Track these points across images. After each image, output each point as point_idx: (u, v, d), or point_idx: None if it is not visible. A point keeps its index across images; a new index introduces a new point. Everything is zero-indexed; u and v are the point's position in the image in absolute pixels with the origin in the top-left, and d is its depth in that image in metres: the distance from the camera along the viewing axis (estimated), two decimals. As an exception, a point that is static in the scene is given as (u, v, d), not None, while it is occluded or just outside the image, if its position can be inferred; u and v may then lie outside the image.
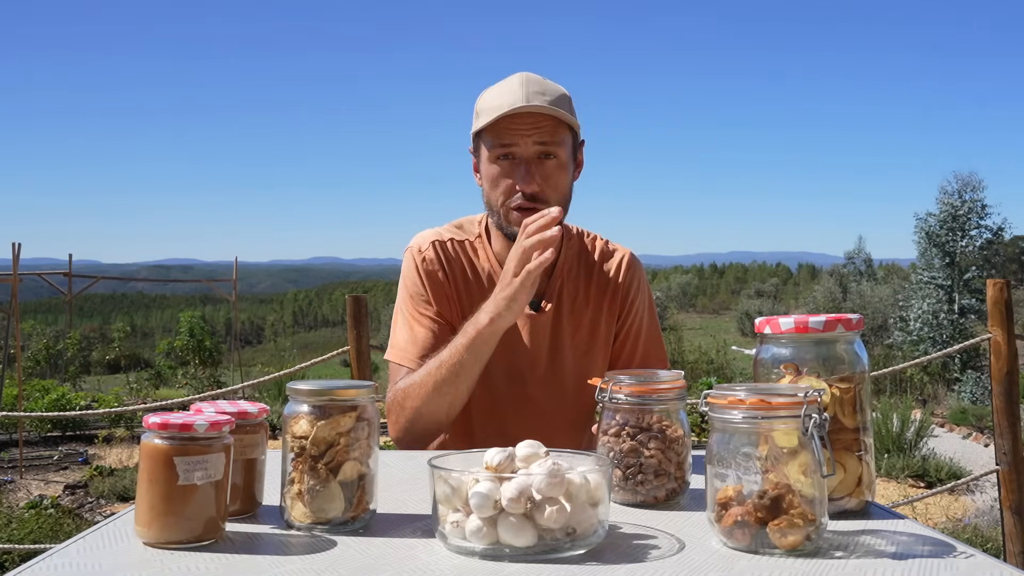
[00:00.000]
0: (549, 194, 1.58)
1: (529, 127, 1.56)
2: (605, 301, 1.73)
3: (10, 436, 8.04)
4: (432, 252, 1.70)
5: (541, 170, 1.57)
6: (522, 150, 1.57)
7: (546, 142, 1.57)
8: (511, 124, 1.56)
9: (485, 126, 1.58)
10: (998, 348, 3.41)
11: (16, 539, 4.41)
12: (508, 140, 1.57)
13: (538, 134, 1.56)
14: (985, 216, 20.77)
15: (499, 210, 1.62)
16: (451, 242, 1.72)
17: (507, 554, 0.90)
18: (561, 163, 1.60)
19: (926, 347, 18.59)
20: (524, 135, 1.56)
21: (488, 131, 1.59)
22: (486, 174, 1.63)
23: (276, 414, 3.44)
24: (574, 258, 1.74)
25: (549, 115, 1.56)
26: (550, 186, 1.58)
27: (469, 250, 1.73)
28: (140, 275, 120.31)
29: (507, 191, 1.59)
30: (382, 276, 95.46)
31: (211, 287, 16.14)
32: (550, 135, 1.57)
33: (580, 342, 1.71)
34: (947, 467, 6.52)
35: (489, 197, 1.63)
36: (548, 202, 1.57)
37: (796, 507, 0.92)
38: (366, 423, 1.03)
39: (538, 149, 1.57)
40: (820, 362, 1.06)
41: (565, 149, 1.60)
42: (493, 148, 1.59)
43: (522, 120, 1.56)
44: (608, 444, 1.17)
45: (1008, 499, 3.46)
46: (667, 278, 53.63)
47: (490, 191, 1.62)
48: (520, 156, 1.57)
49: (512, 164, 1.58)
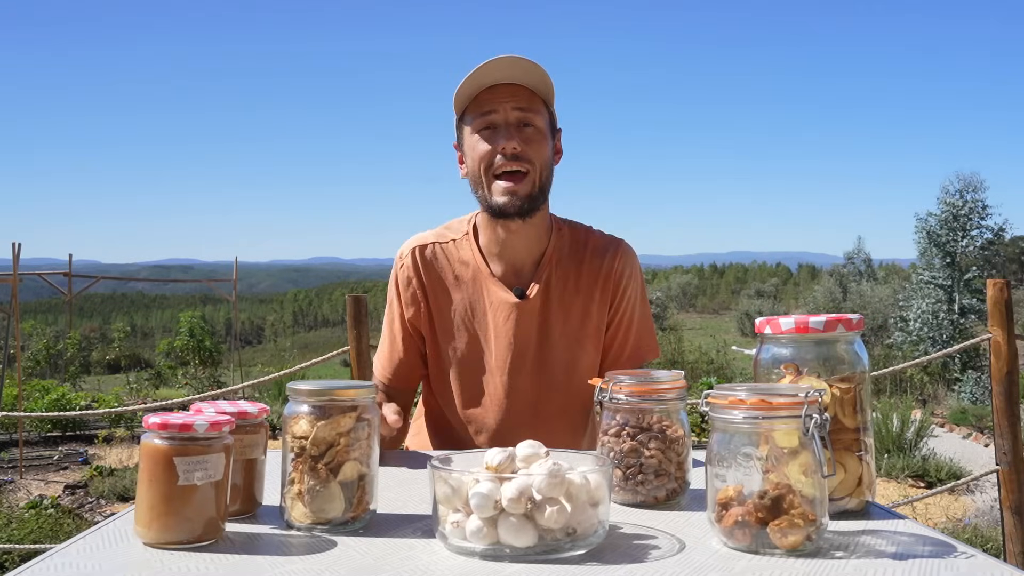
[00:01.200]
0: (531, 155, 1.62)
1: (507, 95, 1.62)
2: (597, 290, 1.74)
3: (10, 436, 8.04)
4: (410, 259, 1.75)
5: (521, 135, 1.62)
6: (501, 116, 1.62)
7: (524, 108, 1.62)
8: (489, 95, 1.62)
9: (467, 102, 1.64)
10: (998, 348, 3.41)
11: (16, 539, 4.41)
12: (488, 107, 1.63)
13: (515, 100, 1.62)
14: (986, 216, 20.77)
15: (483, 180, 1.65)
16: (432, 246, 1.76)
17: (507, 554, 0.90)
18: (540, 131, 1.65)
19: (926, 347, 18.59)
20: (502, 101, 1.62)
21: (469, 109, 1.65)
22: (470, 150, 1.66)
23: (276, 414, 3.44)
24: (564, 248, 1.76)
25: (525, 86, 1.63)
26: (532, 150, 1.63)
27: (451, 249, 1.76)
28: (140, 275, 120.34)
29: (488, 156, 1.63)
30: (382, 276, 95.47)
31: (211, 287, 16.14)
32: (527, 101, 1.63)
33: (571, 331, 1.72)
34: (947, 467, 6.52)
35: (473, 171, 1.66)
36: (531, 164, 1.62)
37: (796, 507, 0.92)
38: (366, 423, 1.03)
39: (517, 115, 1.62)
40: (820, 362, 1.06)
41: (542, 119, 1.66)
42: (475, 121, 1.64)
43: (500, 91, 1.62)
44: (608, 444, 1.17)
45: (1008, 499, 3.46)
46: (667, 278, 53.63)
47: (473, 164, 1.66)
48: (500, 123, 1.62)
49: (492, 132, 1.63)
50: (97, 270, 71.31)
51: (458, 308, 1.71)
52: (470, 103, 1.65)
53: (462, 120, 1.68)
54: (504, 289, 1.70)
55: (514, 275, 1.72)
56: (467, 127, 1.66)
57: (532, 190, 1.62)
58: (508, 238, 1.69)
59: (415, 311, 1.74)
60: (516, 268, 1.72)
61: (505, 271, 1.72)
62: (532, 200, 1.63)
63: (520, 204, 1.62)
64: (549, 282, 1.72)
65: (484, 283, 1.71)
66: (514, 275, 1.72)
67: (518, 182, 1.61)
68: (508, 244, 1.70)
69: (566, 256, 1.75)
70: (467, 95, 1.63)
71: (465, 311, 1.71)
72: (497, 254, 1.72)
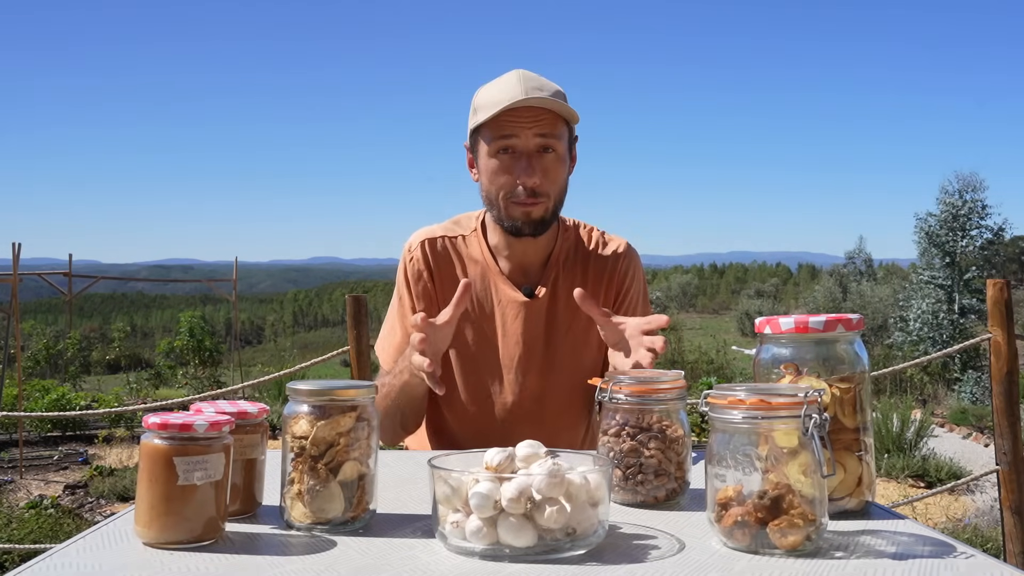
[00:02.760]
0: (548, 188, 1.62)
1: (530, 120, 1.59)
2: (601, 290, 1.75)
3: (10, 436, 8.04)
4: (420, 252, 1.75)
5: (541, 164, 1.61)
6: (522, 143, 1.60)
7: (546, 134, 1.60)
8: (511, 118, 1.59)
9: (486, 121, 1.60)
10: (998, 348, 3.41)
11: (16, 539, 4.41)
12: (508, 132, 1.60)
13: (538, 127, 1.59)
14: (986, 216, 20.77)
15: (499, 203, 1.65)
16: (441, 239, 1.76)
17: (507, 554, 0.90)
18: (559, 156, 1.63)
19: (926, 347, 18.58)
20: (524, 128, 1.59)
21: (488, 126, 1.61)
22: (485, 168, 1.65)
23: (276, 414, 3.43)
24: (570, 249, 1.77)
25: (548, 109, 1.59)
26: (549, 180, 1.62)
27: (461, 245, 1.76)
28: (140, 275, 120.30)
29: (507, 185, 1.62)
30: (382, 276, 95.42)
31: (211, 287, 16.13)
32: (550, 128, 1.60)
33: (577, 331, 1.72)
34: (947, 467, 6.52)
35: (488, 191, 1.66)
36: (548, 196, 1.62)
37: (796, 507, 0.92)
38: (366, 423, 1.03)
39: (538, 142, 1.60)
40: (820, 362, 1.06)
41: (563, 143, 1.64)
42: (493, 142, 1.62)
43: (522, 113, 1.58)
44: (608, 444, 1.17)
45: (1008, 499, 3.46)
46: (667, 278, 53.61)
47: (489, 185, 1.65)
48: (520, 149, 1.60)
49: (512, 158, 1.61)
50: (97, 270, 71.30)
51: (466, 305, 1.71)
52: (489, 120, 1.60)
53: (479, 131, 1.65)
54: (513, 288, 1.71)
55: (522, 274, 1.74)
56: (484, 143, 1.64)
57: (546, 214, 1.64)
58: (518, 244, 1.71)
59: (426, 305, 1.74)
60: (524, 268, 1.74)
61: (513, 270, 1.73)
62: (545, 224, 1.65)
63: (534, 227, 1.64)
64: (556, 282, 1.73)
65: (493, 280, 1.72)
66: (522, 274, 1.74)
67: (533, 206, 1.62)
68: (517, 248, 1.72)
69: (572, 256, 1.76)
70: (487, 112, 1.59)
71: (473, 307, 1.72)
72: (506, 255, 1.73)
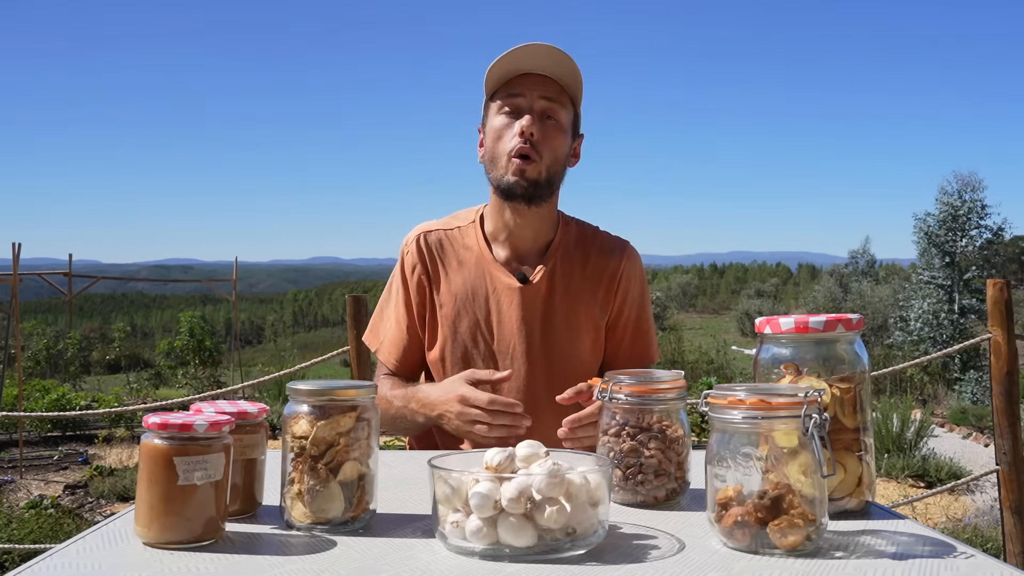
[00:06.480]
0: (544, 149, 1.64)
1: (537, 84, 1.65)
2: (600, 288, 1.75)
3: (10, 436, 8.04)
4: (415, 246, 1.77)
5: (542, 125, 1.65)
6: (527, 101, 1.65)
7: (550, 98, 1.65)
8: (519, 80, 1.66)
9: (497, 84, 1.67)
10: (998, 348, 3.41)
11: (16, 539, 4.41)
12: (515, 90, 1.65)
13: (543, 89, 1.65)
14: (985, 216, 20.76)
15: (498, 159, 1.67)
16: (437, 232, 1.78)
17: (507, 554, 0.90)
18: (560, 127, 1.67)
19: (926, 347, 18.58)
20: (530, 88, 1.65)
21: (499, 90, 1.68)
22: (491, 129, 1.69)
23: (276, 414, 3.43)
24: (570, 243, 1.78)
25: (555, 80, 1.66)
26: (547, 143, 1.65)
27: (456, 236, 1.78)
28: (140, 275, 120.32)
29: (507, 137, 1.65)
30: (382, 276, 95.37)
31: (211, 287, 16.13)
32: (555, 93, 1.66)
33: (573, 322, 1.73)
34: (947, 467, 6.52)
35: (490, 149, 1.69)
36: (542, 157, 1.64)
37: (796, 507, 0.92)
38: (366, 423, 1.03)
39: (543, 105, 1.65)
40: (820, 362, 1.06)
41: (566, 115, 1.68)
42: (501, 101, 1.67)
43: (531, 77, 1.65)
44: (608, 444, 1.17)
45: (1008, 499, 3.46)
46: (667, 278, 53.60)
47: (492, 143, 1.68)
48: (524, 107, 1.65)
49: (515, 114, 1.66)
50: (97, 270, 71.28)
51: (459, 292, 1.73)
52: (500, 85, 1.68)
53: (491, 100, 1.71)
54: (507, 274, 1.72)
55: (518, 262, 1.74)
56: (493, 106, 1.70)
57: (539, 176, 1.64)
58: (515, 224, 1.71)
59: (421, 298, 1.76)
60: (520, 255, 1.74)
61: (509, 257, 1.74)
62: (539, 187, 1.65)
63: (527, 186, 1.64)
64: (554, 272, 1.74)
65: (487, 268, 1.73)
66: (518, 262, 1.74)
67: (528, 164, 1.63)
68: (514, 230, 1.72)
69: (572, 250, 1.77)
70: (498, 78, 1.66)
71: (467, 295, 1.72)
72: (502, 240, 1.74)
